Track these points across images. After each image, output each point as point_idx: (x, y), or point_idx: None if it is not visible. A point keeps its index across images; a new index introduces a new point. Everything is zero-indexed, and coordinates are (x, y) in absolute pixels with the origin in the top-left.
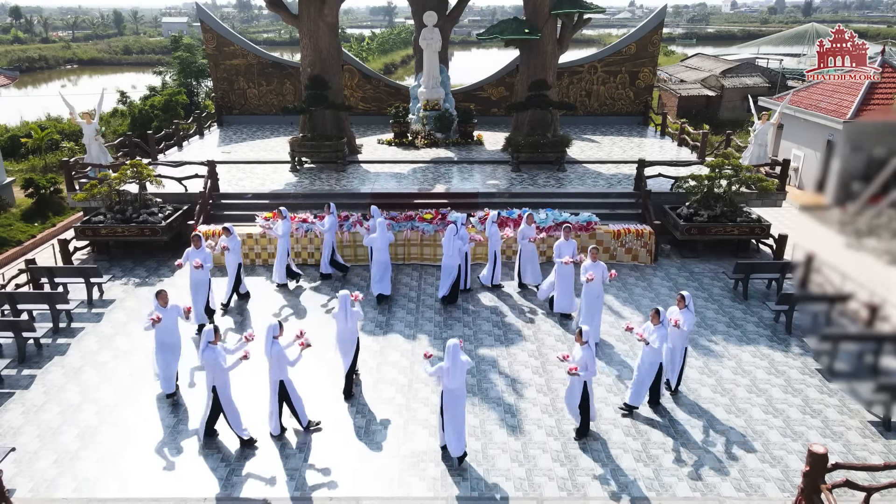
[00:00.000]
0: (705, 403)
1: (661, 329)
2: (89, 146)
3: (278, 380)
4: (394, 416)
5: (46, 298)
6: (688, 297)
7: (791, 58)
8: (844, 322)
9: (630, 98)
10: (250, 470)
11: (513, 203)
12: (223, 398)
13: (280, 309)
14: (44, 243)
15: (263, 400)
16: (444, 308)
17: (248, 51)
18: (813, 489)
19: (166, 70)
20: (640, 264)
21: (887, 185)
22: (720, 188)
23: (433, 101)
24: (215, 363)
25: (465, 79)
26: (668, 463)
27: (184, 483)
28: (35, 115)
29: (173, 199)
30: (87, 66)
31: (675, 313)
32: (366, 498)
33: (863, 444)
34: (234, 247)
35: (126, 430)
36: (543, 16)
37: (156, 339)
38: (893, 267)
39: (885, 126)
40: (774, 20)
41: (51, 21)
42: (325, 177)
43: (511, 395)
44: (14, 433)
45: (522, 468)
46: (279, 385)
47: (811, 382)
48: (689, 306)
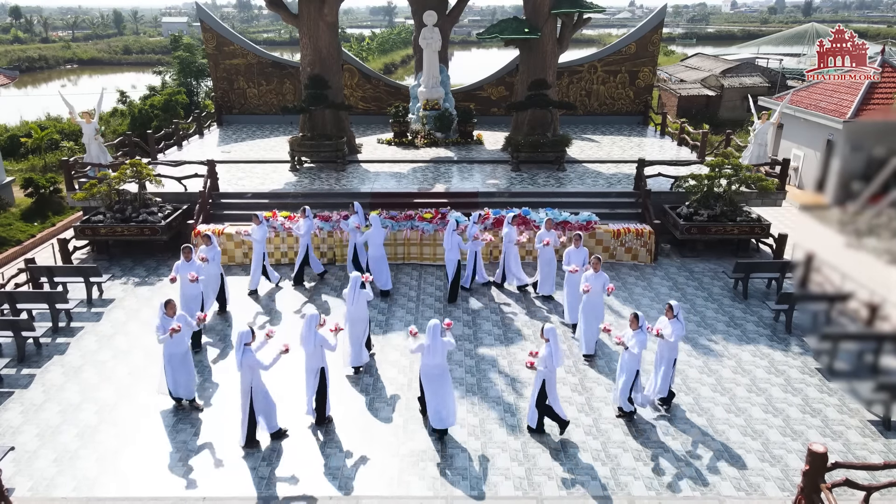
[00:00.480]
0: (705, 403)
1: (639, 334)
2: (89, 146)
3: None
4: (393, 416)
5: (46, 298)
6: (676, 306)
7: (791, 58)
8: (844, 321)
9: (630, 98)
10: (249, 470)
11: (512, 202)
12: (262, 398)
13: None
14: (43, 243)
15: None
16: (444, 307)
17: (247, 50)
18: (813, 488)
19: (166, 70)
20: (639, 264)
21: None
22: (720, 188)
23: (433, 101)
24: (256, 365)
25: (466, 79)
26: (668, 462)
27: (183, 482)
28: (35, 114)
29: (173, 198)
30: (87, 66)
31: (664, 323)
32: (365, 497)
33: (862, 444)
34: (213, 257)
35: (125, 429)
36: (543, 15)
37: (164, 351)
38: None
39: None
40: (774, 20)
41: (51, 21)
42: (324, 176)
43: (511, 395)
44: (13, 432)
45: (522, 467)
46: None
47: (811, 382)
48: (678, 316)
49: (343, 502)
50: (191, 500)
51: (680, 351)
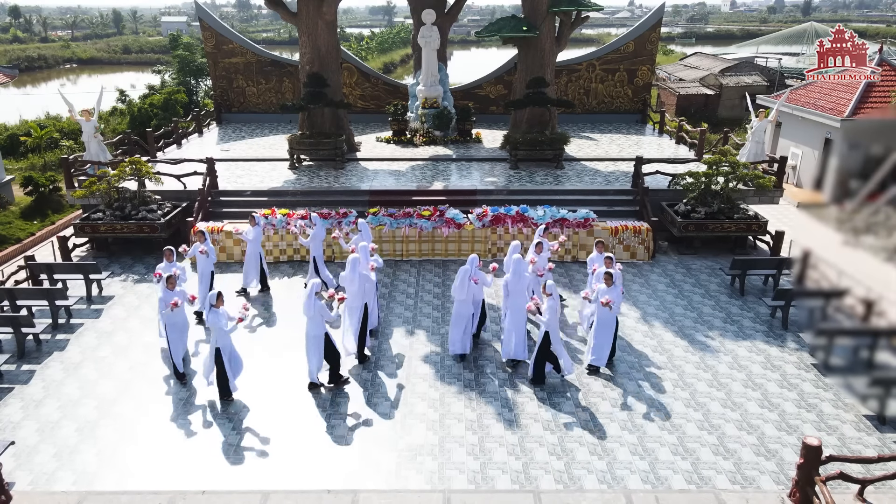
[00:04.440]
0: (701, 398)
1: (613, 290)
2: (88, 144)
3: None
4: (391, 410)
5: (46, 295)
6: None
7: (790, 57)
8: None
9: (628, 96)
10: (248, 462)
11: (511, 200)
12: (225, 357)
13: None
14: (43, 241)
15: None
16: (442, 304)
17: (246, 49)
18: (807, 481)
19: (165, 69)
20: (637, 261)
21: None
22: (717, 185)
23: (432, 99)
24: (218, 325)
25: (465, 77)
26: (664, 456)
27: (182, 475)
28: (34, 113)
29: (172, 196)
30: (87, 66)
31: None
32: (363, 491)
33: (857, 438)
34: (211, 251)
35: (125, 423)
36: (541, 14)
37: (165, 322)
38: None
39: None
40: (774, 19)
41: (50, 20)
42: (323, 174)
43: (508, 390)
44: (14, 427)
45: (519, 461)
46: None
47: (807, 377)
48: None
49: (341, 496)
50: (190, 494)
51: (677, 347)
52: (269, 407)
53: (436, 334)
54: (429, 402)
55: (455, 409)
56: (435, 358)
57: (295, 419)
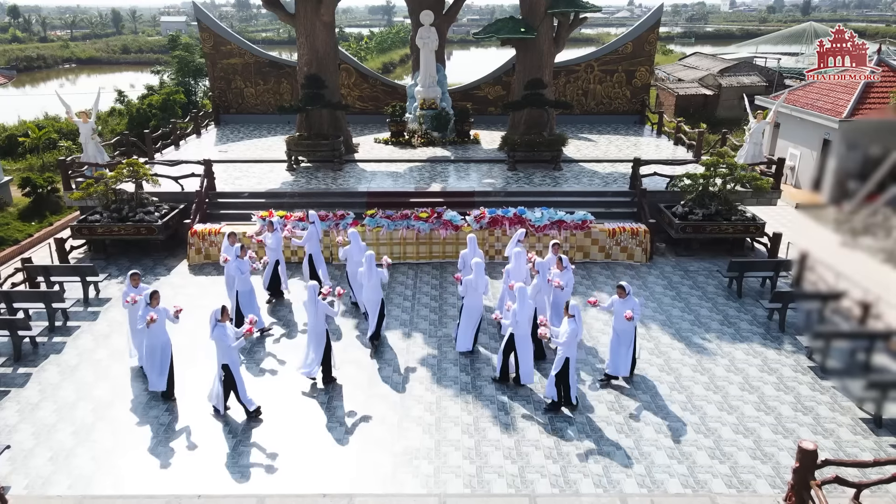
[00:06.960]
0: (698, 400)
1: (629, 301)
2: (86, 145)
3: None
4: (388, 413)
5: (42, 297)
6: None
7: (789, 57)
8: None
9: (627, 97)
10: (244, 467)
11: (508, 202)
12: (235, 372)
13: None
14: (40, 242)
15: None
16: (439, 307)
17: (245, 50)
18: (803, 485)
19: (164, 69)
20: (635, 263)
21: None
22: (715, 187)
23: (430, 100)
24: (223, 341)
25: (463, 78)
26: (660, 460)
27: (178, 480)
28: (33, 114)
29: (170, 198)
30: (86, 66)
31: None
32: (359, 495)
33: (853, 441)
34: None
35: (121, 427)
36: (539, 15)
37: (146, 341)
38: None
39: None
40: (773, 19)
41: (49, 20)
42: (321, 176)
43: (504, 393)
44: (9, 431)
45: (515, 465)
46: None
47: (803, 380)
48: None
49: (337, 500)
50: (185, 498)
51: (674, 349)
52: (265, 411)
53: (433, 337)
54: (425, 405)
55: (451, 412)
56: (432, 361)
57: (291, 423)
